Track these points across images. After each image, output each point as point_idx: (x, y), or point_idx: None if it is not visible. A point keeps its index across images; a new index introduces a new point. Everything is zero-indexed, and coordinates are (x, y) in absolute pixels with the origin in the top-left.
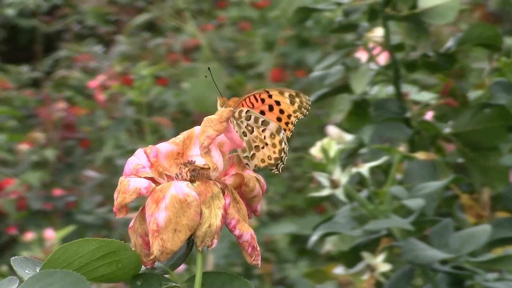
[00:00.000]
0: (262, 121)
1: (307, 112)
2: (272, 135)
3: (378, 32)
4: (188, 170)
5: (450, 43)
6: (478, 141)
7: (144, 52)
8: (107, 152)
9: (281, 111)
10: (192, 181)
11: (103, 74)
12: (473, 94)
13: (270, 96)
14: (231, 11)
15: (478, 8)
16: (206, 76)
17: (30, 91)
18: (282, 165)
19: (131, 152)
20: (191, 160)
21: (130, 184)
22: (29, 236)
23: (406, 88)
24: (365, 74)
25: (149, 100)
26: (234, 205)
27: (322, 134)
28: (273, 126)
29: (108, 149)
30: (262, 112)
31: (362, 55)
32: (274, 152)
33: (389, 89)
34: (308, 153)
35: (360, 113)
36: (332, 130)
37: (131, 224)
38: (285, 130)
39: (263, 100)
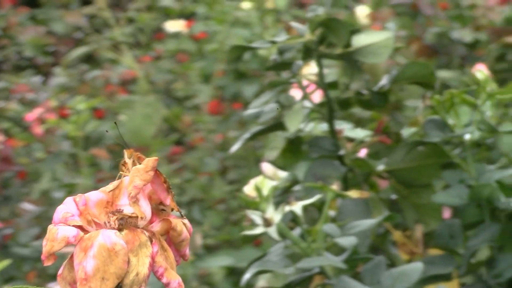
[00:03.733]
0: None
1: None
2: None
3: (314, 67)
4: (117, 218)
5: (384, 81)
6: (411, 178)
7: (82, 84)
8: (44, 185)
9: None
10: (120, 229)
11: (40, 107)
12: (407, 132)
13: None
14: (168, 43)
15: (415, 41)
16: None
17: None
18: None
19: (68, 186)
20: (119, 209)
21: (59, 232)
22: None
23: (341, 125)
24: (299, 112)
25: (86, 133)
26: (162, 253)
27: (259, 167)
28: None
29: (45, 181)
30: None
31: (297, 93)
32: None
33: (324, 126)
34: (242, 191)
35: (294, 150)
36: (266, 167)
37: (60, 271)
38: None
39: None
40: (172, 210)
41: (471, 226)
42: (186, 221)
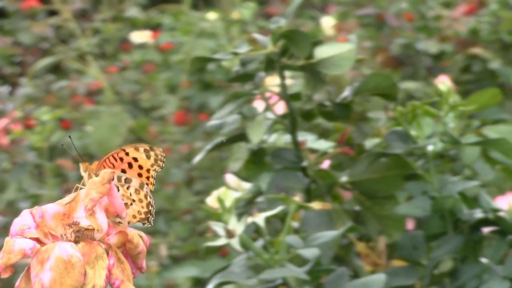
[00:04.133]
0: (125, 179)
1: (163, 164)
2: (136, 191)
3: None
4: (73, 231)
5: (346, 93)
6: (374, 189)
7: (48, 95)
8: (9, 195)
9: (140, 167)
10: (76, 242)
11: (6, 117)
12: (370, 143)
13: (127, 154)
14: (134, 54)
15: (381, 52)
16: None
17: None
18: (153, 218)
19: (34, 197)
20: (76, 221)
21: (15, 244)
22: None
23: (305, 136)
24: (262, 124)
25: (52, 144)
26: (118, 265)
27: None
28: (136, 182)
29: (10, 192)
30: (123, 171)
31: (260, 104)
32: (142, 207)
33: (288, 138)
34: (205, 202)
35: (257, 162)
36: (230, 178)
37: (17, 283)
38: (147, 184)
39: (121, 159)
40: (144, 212)
41: (435, 237)
42: (142, 234)
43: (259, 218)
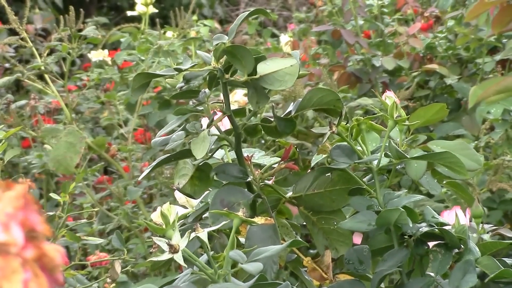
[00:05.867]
0: None
1: None
2: None
3: (238, 94)
4: None
5: (290, 108)
6: (319, 204)
7: (8, 114)
8: None
9: None
10: None
11: None
12: (316, 159)
13: None
14: (93, 73)
15: (338, 68)
16: None
17: None
18: None
19: None
20: None
21: None
22: None
23: (253, 152)
24: (205, 140)
25: (9, 162)
26: (35, 278)
27: None
28: None
29: None
30: None
31: (206, 120)
32: None
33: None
34: (149, 218)
35: (203, 178)
36: (179, 194)
37: None
38: None
39: None
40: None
41: (381, 251)
42: (59, 247)
43: (202, 233)
